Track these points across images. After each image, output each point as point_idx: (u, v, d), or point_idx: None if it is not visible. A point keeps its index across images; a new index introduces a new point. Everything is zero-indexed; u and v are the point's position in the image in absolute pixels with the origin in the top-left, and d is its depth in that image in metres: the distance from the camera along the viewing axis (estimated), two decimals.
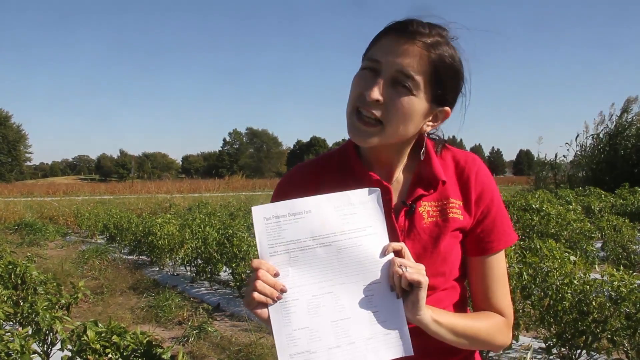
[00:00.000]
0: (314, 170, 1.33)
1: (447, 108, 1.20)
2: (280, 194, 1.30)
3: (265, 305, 1.07)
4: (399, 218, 1.21)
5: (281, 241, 1.08)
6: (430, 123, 1.21)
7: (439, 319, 1.12)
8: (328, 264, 1.08)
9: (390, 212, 1.20)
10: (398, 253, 1.09)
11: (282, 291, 1.07)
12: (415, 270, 1.06)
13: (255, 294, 1.05)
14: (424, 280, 1.05)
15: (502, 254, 1.27)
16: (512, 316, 1.27)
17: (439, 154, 1.28)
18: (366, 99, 1.12)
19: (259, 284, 1.05)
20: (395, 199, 1.24)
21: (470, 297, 1.33)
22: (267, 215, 1.08)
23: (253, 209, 1.08)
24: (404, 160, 1.27)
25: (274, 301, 1.06)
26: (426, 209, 1.22)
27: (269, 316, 1.07)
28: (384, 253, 1.09)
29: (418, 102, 1.13)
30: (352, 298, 1.07)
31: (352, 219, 1.10)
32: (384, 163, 1.25)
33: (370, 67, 1.15)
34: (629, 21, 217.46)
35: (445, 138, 1.33)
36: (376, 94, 1.11)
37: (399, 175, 1.27)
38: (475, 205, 1.24)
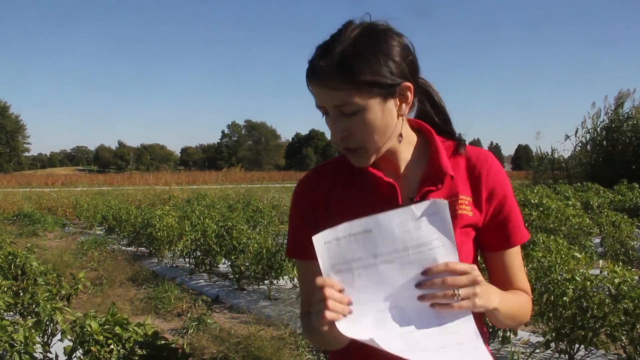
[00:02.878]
0: (328, 171, 1.35)
1: (405, 83, 1.16)
2: (300, 197, 1.35)
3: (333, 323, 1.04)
4: None
5: (343, 260, 1.06)
6: (405, 105, 1.19)
7: (502, 303, 1.14)
8: (392, 279, 1.07)
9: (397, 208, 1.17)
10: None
11: (349, 304, 1.06)
12: (465, 296, 1.05)
13: (328, 313, 1.02)
14: (471, 305, 1.05)
15: (519, 247, 1.30)
16: (530, 292, 1.30)
17: (460, 153, 1.28)
18: (336, 141, 1.17)
19: (331, 302, 1.02)
20: (403, 196, 1.23)
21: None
22: (327, 239, 1.06)
23: (313, 238, 1.06)
24: (407, 155, 1.27)
25: (344, 316, 1.04)
26: None
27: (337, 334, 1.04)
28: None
29: (370, 111, 1.13)
30: (418, 311, 1.06)
31: (417, 233, 1.07)
32: (388, 162, 1.26)
33: (323, 113, 1.19)
34: (626, 16, 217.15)
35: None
36: (338, 136, 1.16)
37: (406, 171, 1.27)
38: (487, 202, 1.25)
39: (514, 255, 1.29)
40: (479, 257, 1.33)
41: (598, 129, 22.62)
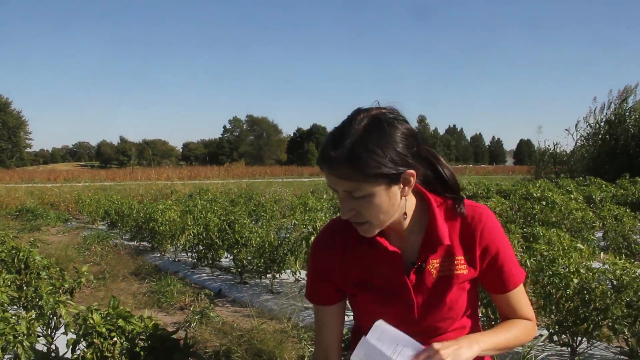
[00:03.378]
0: (342, 229, 1.52)
1: (408, 171, 1.31)
2: (318, 256, 1.57)
3: None
4: (410, 275, 1.41)
5: None
6: (407, 188, 1.35)
7: (485, 346, 1.33)
8: None
9: (402, 271, 1.41)
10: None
11: None
12: None
13: None
14: None
15: (520, 286, 1.50)
16: (534, 317, 1.51)
17: (457, 213, 1.44)
18: (344, 218, 1.35)
19: None
20: (406, 258, 1.43)
21: (499, 313, 1.56)
22: None
23: None
24: (410, 225, 1.43)
25: None
26: (434, 266, 1.41)
27: None
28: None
29: (376, 196, 1.29)
30: None
31: (386, 347, 1.28)
32: (394, 231, 1.43)
33: (332, 191, 1.37)
34: (626, 17, 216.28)
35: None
36: (347, 214, 1.33)
37: (409, 237, 1.44)
38: (480, 259, 1.43)
39: (514, 294, 1.48)
40: None
41: (601, 123, 22.54)
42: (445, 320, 1.44)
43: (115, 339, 2.62)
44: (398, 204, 1.34)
